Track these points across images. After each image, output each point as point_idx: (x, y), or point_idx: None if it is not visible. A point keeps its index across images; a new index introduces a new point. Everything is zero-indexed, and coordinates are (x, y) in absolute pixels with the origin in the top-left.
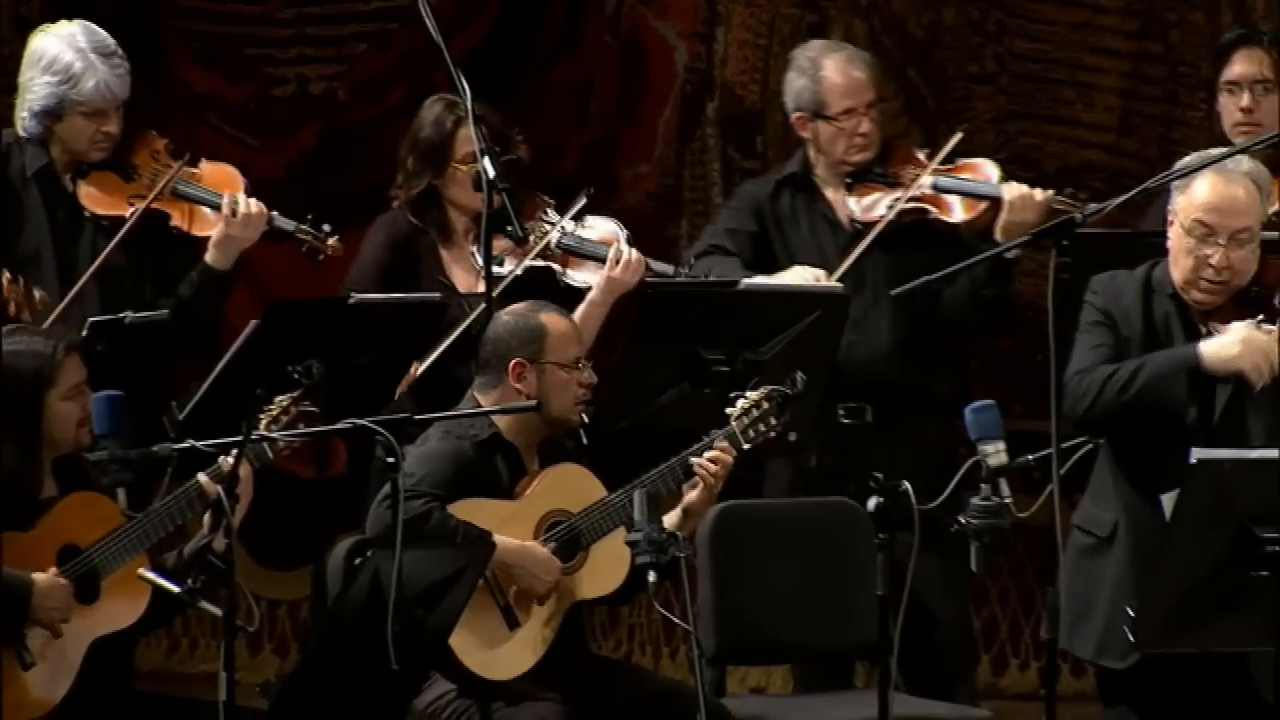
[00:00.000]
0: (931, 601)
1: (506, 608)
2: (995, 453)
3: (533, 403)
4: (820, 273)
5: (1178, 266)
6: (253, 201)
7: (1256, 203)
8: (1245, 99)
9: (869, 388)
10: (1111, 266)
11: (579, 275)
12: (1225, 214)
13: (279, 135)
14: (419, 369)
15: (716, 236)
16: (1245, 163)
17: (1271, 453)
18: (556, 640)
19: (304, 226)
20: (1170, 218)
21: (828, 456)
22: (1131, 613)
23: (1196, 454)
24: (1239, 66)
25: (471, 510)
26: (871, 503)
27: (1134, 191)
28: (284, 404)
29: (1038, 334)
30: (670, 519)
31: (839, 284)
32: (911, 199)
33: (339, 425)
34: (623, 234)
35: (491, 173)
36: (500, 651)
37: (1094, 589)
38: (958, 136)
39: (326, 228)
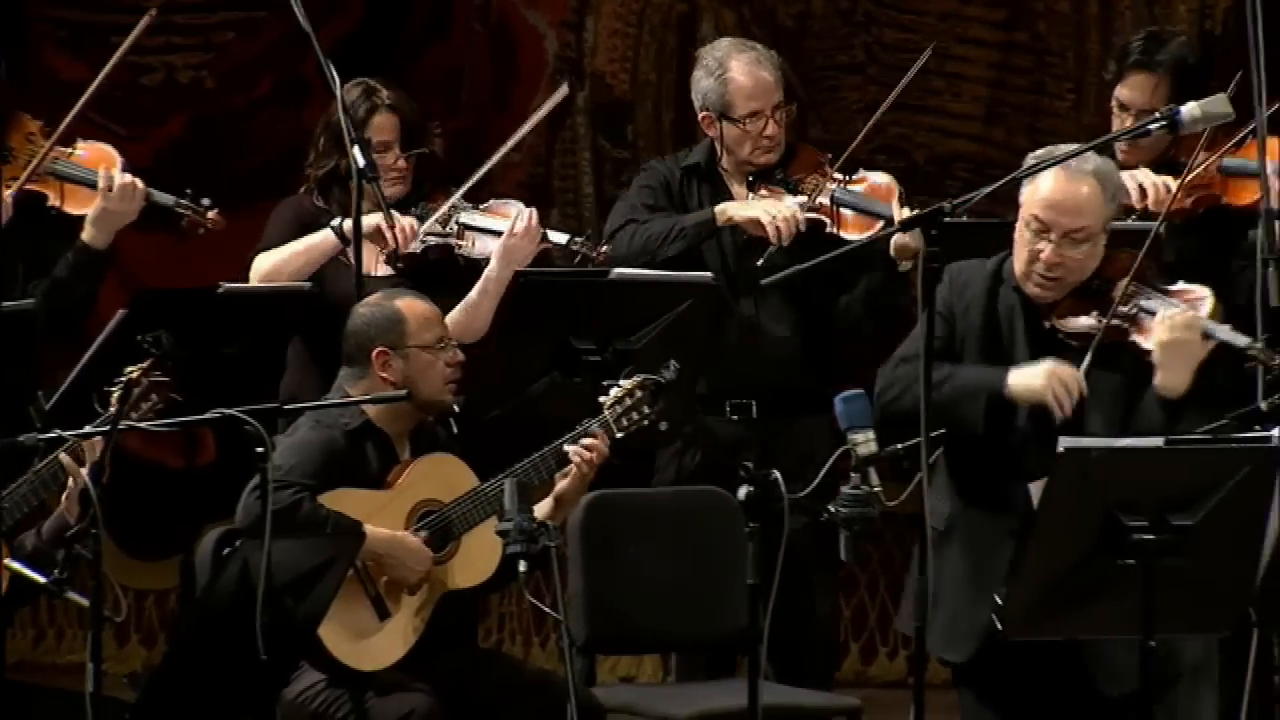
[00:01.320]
0: (807, 591)
1: (377, 598)
2: (865, 442)
3: (403, 393)
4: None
5: (1017, 259)
6: (128, 175)
7: (1098, 202)
8: (1129, 122)
9: (765, 388)
10: (980, 256)
11: (479, 247)
12: (1061, 211)
13: (147, 124)
14: None
15: (635, 211)
16: (1093, 160)
17: (1138, 441)
18: (428, 630)
19: (183, 201)
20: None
21: (715, 454)
22: (1000, 601)
23: (1064, 443)
24: (1129, 90)
25: (342, 500)
26: (742, 492)
27: (1001, 181)
28: (133, 374)
29: (907, 323)
30: (543, 508)
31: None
32: (811, 208)
33: (207, 415)
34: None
35: (361, 162)
36: (370, 642)
37: (937, 583)
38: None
39: (206, 201)
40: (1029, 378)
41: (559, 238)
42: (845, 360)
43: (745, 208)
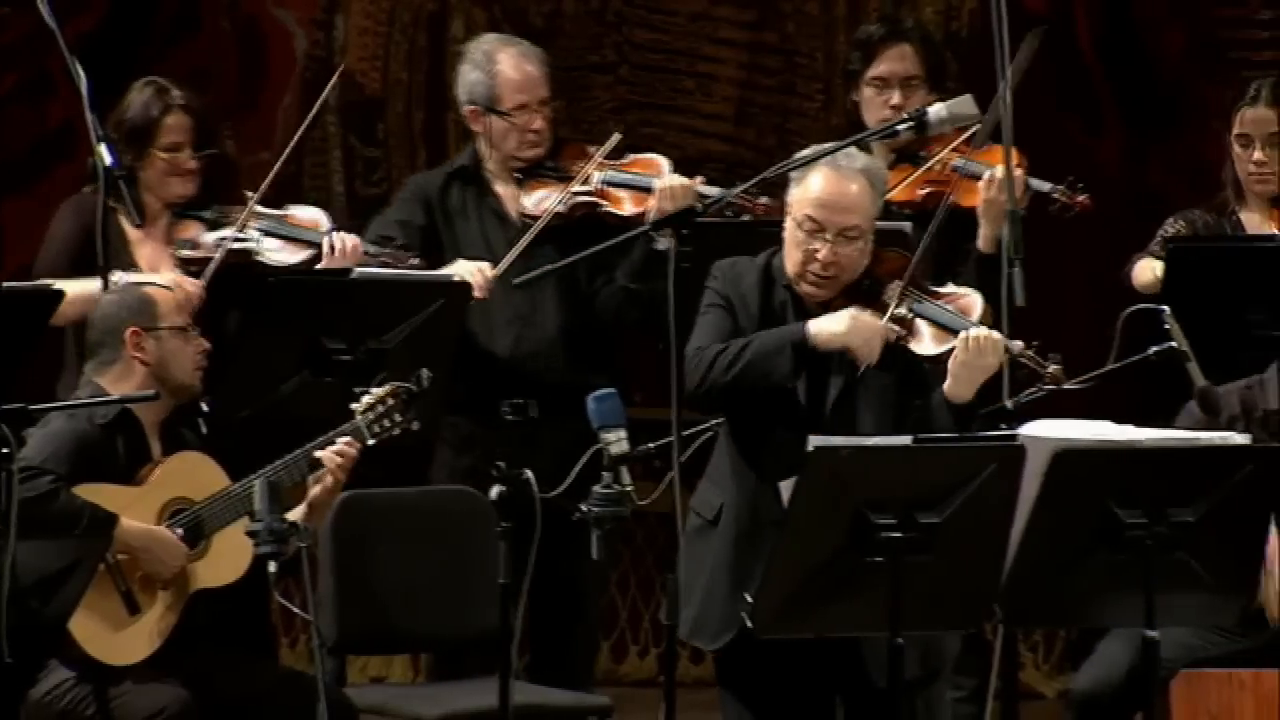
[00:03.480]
0: (565, 591)
1: (128, 593)
2: (617, 440)
3: (152, 393)
4: (484, 265)
5: (789, 259)
6: None
7: (868, 200)
8: (895, 97)
9: (534, 382)
10: (731, 255)
11: (276, 256)
12: (834, 210)
13: None
14: None
15: (387, 227)
16: (861, 159)
17: (886, 440)
18: (180, 628)
19: None
20: (787, 209)
21: (491, 455)
22: (750, 599)
23: (814, 441)
24: (886, 64)
25: (92, 495)
26: (494, 492)
27: (751, 181)
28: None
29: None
30: (298, 511)
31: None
32: (580, 193)
33: None
34: (326, 221)
35: (109, 159)
36: (121, 636)
37: (696, 571)
38: (616, 136)
39: None
40: (832, 323)
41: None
42: (612, 352)
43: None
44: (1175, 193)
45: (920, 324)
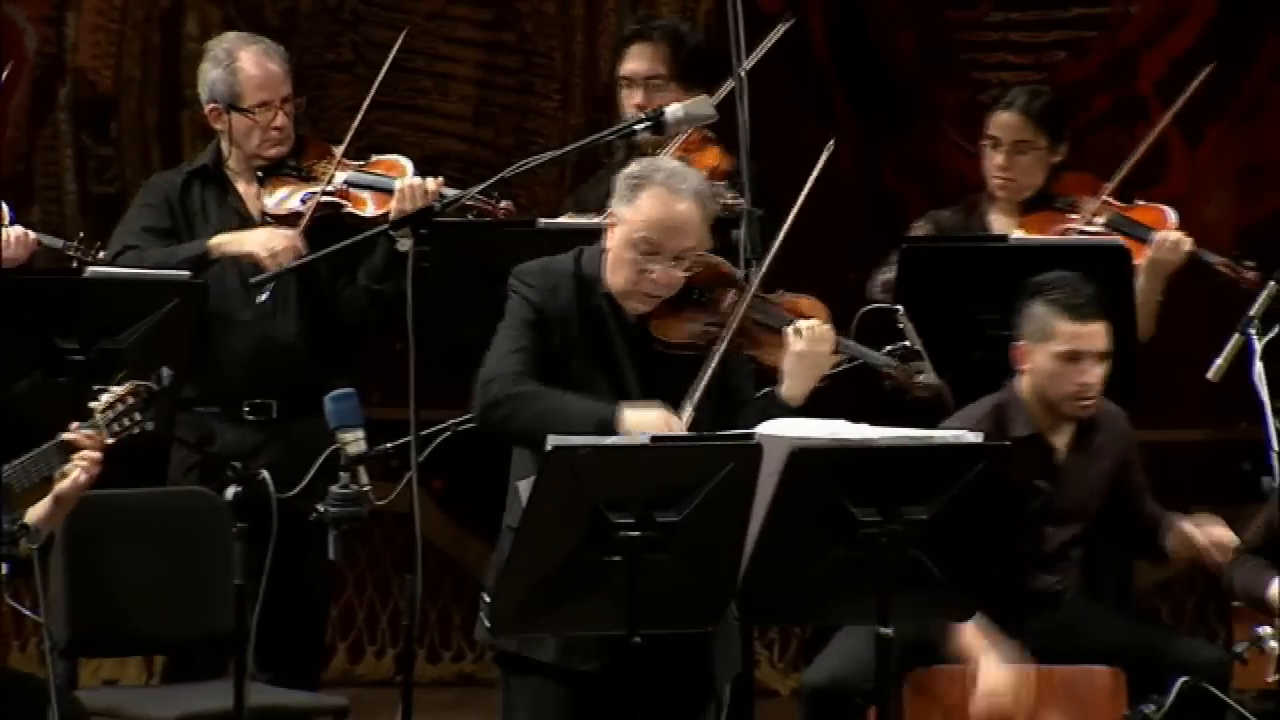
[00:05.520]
0: (301, 591)
1: None
2: (354, 441)
3: None
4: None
5: (617, 274)
6: None
7: (700, 220)
8: (638, 96)
9: (275, 382)
10: (472, 255)
11: None
12: (670, 234)
13: None
14: None
15: (133, 236)
16: (692, 177)
17: (625, 440)
18: None
19: None
20: (610, 220)
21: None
22: (488, 598)
23: (552, 440)
24: (630, 63)
25: None
26: (230, 492)
27: (489, 181)
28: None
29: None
30: (40, 509)
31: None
32: (326, 193)
33: None
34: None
35: None
36: None
37: None
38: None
39: None
40: (644, 420)
41: (52, 241)
42: (353, 354)
43: (239, 241)
44: (909, 193)
45: (759, 331)
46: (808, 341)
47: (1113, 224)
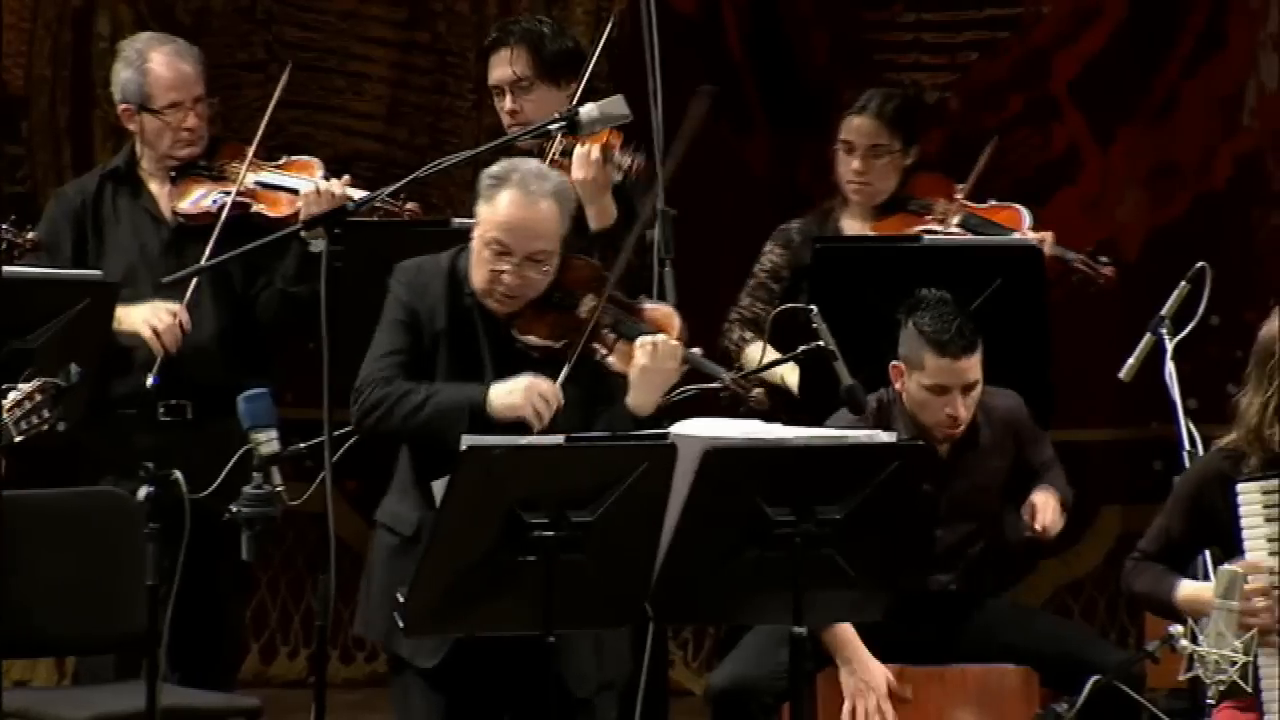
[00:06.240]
0: (213, 592)
1: None
2: (267, 441)
3: None
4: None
5: (476, 274)
6: None
7: (556, 222)
8: (507, 102)
9: (189, 383)
10: (384, 255)
11: None
12: (522, 235)
13: None
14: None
15: (36, 259)
16: (552, 178)
17: (540, 440)
18: None
19: None
20: (476, 219)
21: (145, 457)
22: (402, 598)
23: (466, 440)
24: (496, 70)
25: None
26: (142, 492)
27: (403, 181)
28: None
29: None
30: None
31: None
32: (237, 194)
33: None
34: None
35: None
36: None
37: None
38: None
39: None
40: (508, 395)
41: None
42: (271, 354)
43: (124, 317)
44: (823, 194)
45: (613, 338)
46: (651, 357)
47: (967, 225)
